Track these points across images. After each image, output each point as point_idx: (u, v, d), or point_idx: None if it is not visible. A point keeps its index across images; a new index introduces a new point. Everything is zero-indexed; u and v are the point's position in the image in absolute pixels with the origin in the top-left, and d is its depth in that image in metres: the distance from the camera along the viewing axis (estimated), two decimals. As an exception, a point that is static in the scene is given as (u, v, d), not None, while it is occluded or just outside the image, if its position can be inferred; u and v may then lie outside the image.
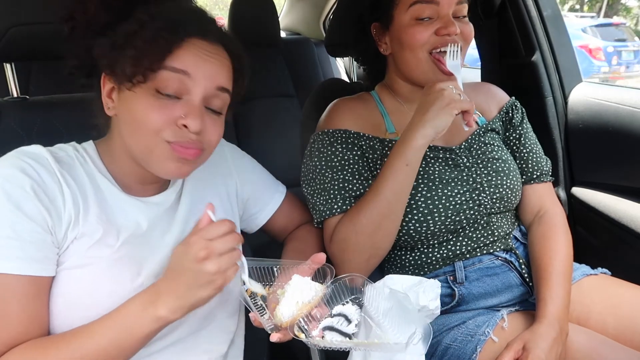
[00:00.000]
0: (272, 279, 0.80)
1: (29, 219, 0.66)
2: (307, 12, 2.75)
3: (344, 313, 0.75)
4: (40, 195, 0.68)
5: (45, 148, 0.74)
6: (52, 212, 0.69)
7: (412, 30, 0.95)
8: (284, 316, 0.69)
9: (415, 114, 0.88)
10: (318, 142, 1.02)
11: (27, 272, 0.65)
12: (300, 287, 0.71)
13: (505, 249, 1.02)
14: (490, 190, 1.00)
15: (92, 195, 0.74)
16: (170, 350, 0.80)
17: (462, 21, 0.97)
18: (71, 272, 0.70)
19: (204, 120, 0.72)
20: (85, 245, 0.71)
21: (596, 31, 8.20)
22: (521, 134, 1.11)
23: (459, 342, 0.91)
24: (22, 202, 0.66)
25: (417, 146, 0.87)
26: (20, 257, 0.65)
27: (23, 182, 0.67)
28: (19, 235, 0.65)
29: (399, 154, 0.88)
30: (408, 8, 0.95)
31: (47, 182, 0.69)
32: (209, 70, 0.72)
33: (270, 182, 1.04)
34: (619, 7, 15.41)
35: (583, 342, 0.86)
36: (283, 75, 2.26)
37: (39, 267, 0.67)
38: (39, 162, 0.70)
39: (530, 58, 1.36)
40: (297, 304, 0.69)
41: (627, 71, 8.30)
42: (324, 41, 1.53)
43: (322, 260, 0.77)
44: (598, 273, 1.06)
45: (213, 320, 0.86)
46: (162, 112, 0.69)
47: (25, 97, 1.09)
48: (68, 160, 0.75)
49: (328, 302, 0.76)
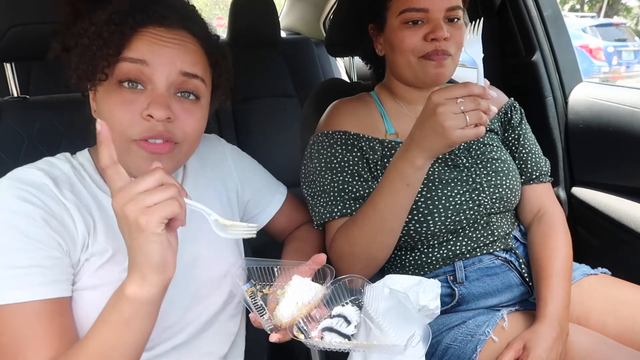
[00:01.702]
0: (272, 279, 0.80)
1: (45, 246, 0.65)
2: (307, 12, 2.75)
3: (344, 314, 0.75)
4: (51, 222, 0.67)
5: (40, 170, 0.71)
6: (65, 236, 0.68)
7: (401, 34, 0.95)
8: (284, 317, 0.69)
9: (414, 128, 0.79)
10: (317, 144, 1.02)
11: (50, 295, 0.65)
12: (300, 288, 0.70)
13: (505, 249, 1.02)
14: (489, 190, 1.00)
15: (97, 213, 0.73)
16: (172, 353, 0.80)
17: (453, 25, 0.95)
18: (83, 293, 0.70)
19: (173, 109, 0.70)
20: (95, 265, 0.70)
21: (596, 31, 8.21)
22: (520, 134, 1.11)
23: (459, 342, 0.91)
24: (35, 232, 0.65)
25: (417, 166, 0.79)
26: (42, 282, 0.64)
27: (32, 213, 0.66)
28: (39, 262, 0.65)
29: (399, 173, 0.82)
30: (398, 15, 0.95)
31: (53, 208, 0.68)
32: (168, 56, 0.69)
33: (271, 183, 1.04)
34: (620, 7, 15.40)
35: (583, 342, 0.86)
36: (283, 75, 2.26)
37: (61, 288, 0.67)
38: (40, 190, 0.68)
39: (530, 58, 1.36)
40: (297, 305, 0.69)
41: (628, 71, 8.30)
42: (324, 41, 1.53)
43: (322, 261, 0.76)
44: (598, 273, 1.06)
45: (215, 322, 0.86)
46: (127, 107, 0.68)
47: (26, 97, 1.08)
48: (66, 179, 0.73)
49: (328, 303, 0.76)
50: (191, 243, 0.82)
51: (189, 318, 0.81)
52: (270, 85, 2.21)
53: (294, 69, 2.30)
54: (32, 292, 0.63)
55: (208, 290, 0.83)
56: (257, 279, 0.81)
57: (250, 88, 2.16)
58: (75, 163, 0.77)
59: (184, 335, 0.81)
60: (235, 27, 2.16)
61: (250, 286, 0.78)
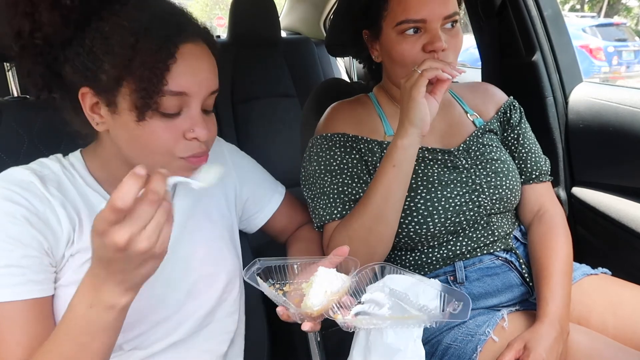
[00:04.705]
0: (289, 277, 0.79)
1: (24, 245, 0.65)
2: (307, 12, 2.75)
3: (374, 299, 0.74)
4: (32, 220, 0.67)
5: (28, 169, 0.72)
6: (48, 234, 0.68)
7: (400, 47, 0.93)
8: (314, 305, 0.68)
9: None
10: (316, 146, 1.02)
11: (27, 296, 0.65)
12: (327, 278, 0.70)
13: (506, 249, 1.02)
14: (489, 191, 1.00)
15: (85, 210, 0.73)
16: (171, 351, 0.80)
17: (451, 32, 0.94)
18: (66, 289, 0.70)
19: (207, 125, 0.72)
20: (79, 261, 0.71)
21: (597, 31, 8.21)
22: (519, 133, 1.11)
23: (459, 342, 0.91)
24: (14, 230, 0.65)
25: (401, 146, 0.85)
26: (20, 282, 0.65)
27: (12, 211, 0.66)
28: (16, 262, 0.65)
29: (386, 156, 0.88)
30: (395, 26, 0.93)
31: (37, 206, 0.68)
32: (203, 81, 0.70)
33: (269, 182, 1.04)
34: (620, 7, 15.40)
35: (584, 342, 0.86)
36: (283, 75, 2.26)
37: (39, 289, 0.67)
38: (25, 189, 0.69)
39: (530, 58, 1.36)
40: (326, 293, 0.69)
41: (628, 71, 8.31)
42: (324, 41, 1.53)
43: (344, 253, 0.76)
44: (598, 273, 1.06)
45: (212, 319, 0.86)
46: (170, 132, 0.68)
47: (26, 97, 1.09)
48: (54, 177, 0.74)
49: (355, 294, 0.76)
50: (188, 239, 0.83)
51: (184, 314, 0.81)
52: (270, 85, 2.21)
53: (294, 69, 2.30)
54: (8, 292, 0.64)
55: (204, 285, 0.83)
56: (275, 278, 0.80)
57: (250, 88, 2.17)
58: (66, 163, 0.78)
59: (181, 332, 0.81)
60: (236, 27, 2.16)
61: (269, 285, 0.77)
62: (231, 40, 2.18)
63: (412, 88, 0.82)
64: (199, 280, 0.83)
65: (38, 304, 0.67)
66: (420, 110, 0.83)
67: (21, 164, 0.74)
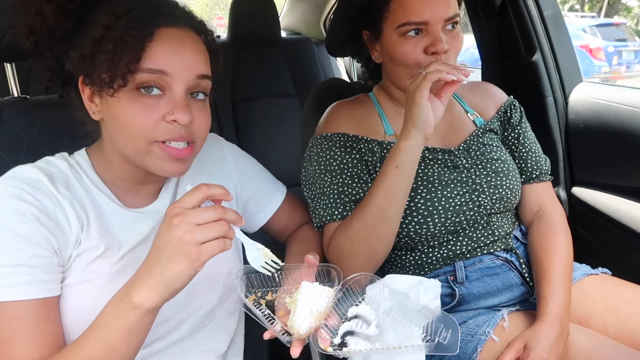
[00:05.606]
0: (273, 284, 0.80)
1: (33, 245, 0.65)
2: (307, 12, 2.75)
3: (361, 314, 0.73)
4: (42, 219, 0.67)
5: (37, 167, 0.72)
6: (57, 233, 0.68)
7: (401, 49, 0.94)
8: (302, 328, 0.66)
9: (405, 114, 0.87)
10: (317, 147, 1.02)
11: (36, 295, 0.65)
12: (311, 294, 0.69)
13: (506, 249, 1.02)
14: (489, 191, 1.00)
15: (92, 210, 0.73)
16: (171, 350, 0.81)
17: (452, 33, 0.94)
18: (72, 288, 0.70)
19: (192, 111, 0.71)
20: (85, 260, 0.71)
21: (597, 31, 8.21)
22: (520, 133, 1.11)
23: (459, 342, 0.91)
24: (23, 229, 0.65)
25: (404, 147, 0.85)
26: (29, 282, 0.65)
27: (22, 209, 0.66)
28: (26, 261, 0.65)
29: (389, 157, 0.88)
30: (396, 28, 0.93)
31: (46, 205, 0.68)
32: (185, 62, 0.70)
33: (270, 182, 1.04)
34: (620, 6, 15.40)
35: (584, 341, 0.86)
36: (283, 75, 2.26)
37: (48, 288, 0.67)
38: (34, 187, 0.69)
39: (530, 58, 1.36)
40: (312, 314, 0.67)
41: (628, 71, 8.31)
42: (324, 41, 1.53)
43: (313, 263, 0.76)
44: (598, 273, 1.06)
45: (212, 319, 0.86)
46: (149, 112, 0.68)
47: (26, 97, 1.09)
48: (62, 176, 0.74)
49: (340, 304, 0.74)
50: None
51: (185, 313, 0.81)
52: (270, 85, 2.21)
53: (294, 69, 2.30)
54: (17, 292, 0.64)
55: (205, 286, 0.83)
56: (258, 286, 0.80)
57: (251, 88, 2.17)
58: (73, 162, 0.77)
59: (181, 331, 0.81)
60: (236, 27, 2.16)
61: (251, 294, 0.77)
62: (231, 40, 2.18)
63: (415, 91, 0.82)
64: (200, 280, 0.83)
65: (47, 304, 0.67)
66: (422, 112, 0.82)
67: (21, 164, 0.74)
